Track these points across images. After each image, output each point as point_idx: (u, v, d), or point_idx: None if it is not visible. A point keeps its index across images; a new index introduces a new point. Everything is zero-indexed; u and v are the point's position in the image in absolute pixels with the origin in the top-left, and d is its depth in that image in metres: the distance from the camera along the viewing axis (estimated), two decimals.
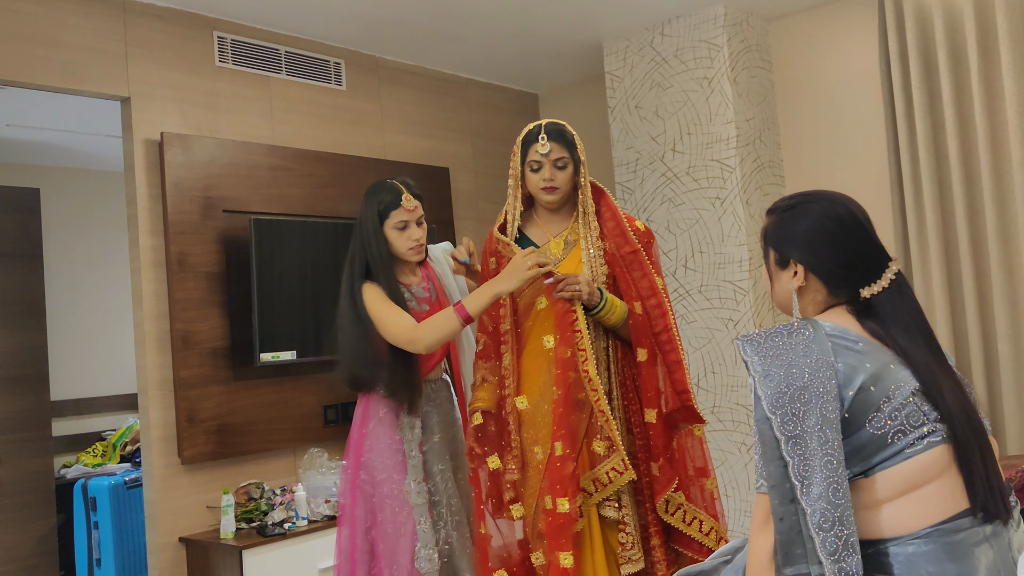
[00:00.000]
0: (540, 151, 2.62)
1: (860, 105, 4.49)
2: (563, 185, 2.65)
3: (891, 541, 1.54)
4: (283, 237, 4.04)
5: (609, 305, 2.58)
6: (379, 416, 2.84)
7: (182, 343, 3.77)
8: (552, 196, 2.66)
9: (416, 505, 2.77)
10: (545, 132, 2.63)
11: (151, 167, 3.81)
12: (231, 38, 4.14)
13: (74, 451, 5.72)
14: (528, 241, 2.75)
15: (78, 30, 3.66)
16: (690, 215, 4.57)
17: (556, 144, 2.62)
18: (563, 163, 2.64)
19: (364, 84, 4.70)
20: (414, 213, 2.81)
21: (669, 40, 4.65)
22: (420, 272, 2.95)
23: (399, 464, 2.79)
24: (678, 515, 2.59)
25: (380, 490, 2.79)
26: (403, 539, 2.75)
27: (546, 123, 2.67)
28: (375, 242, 2.79)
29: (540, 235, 2.75)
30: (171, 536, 3.72)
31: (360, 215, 2.84)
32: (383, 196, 2.80)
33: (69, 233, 5.92)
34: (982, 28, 3.95)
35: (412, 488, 2.78)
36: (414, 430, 2.83)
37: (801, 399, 1.52)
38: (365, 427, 2.85)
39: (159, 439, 3.73)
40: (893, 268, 1.69)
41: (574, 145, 2.65)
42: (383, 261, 2.79)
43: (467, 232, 5.11)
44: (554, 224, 2.75)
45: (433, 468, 2.86)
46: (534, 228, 2.77)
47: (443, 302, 2.92)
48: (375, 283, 2.77)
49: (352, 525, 2.79)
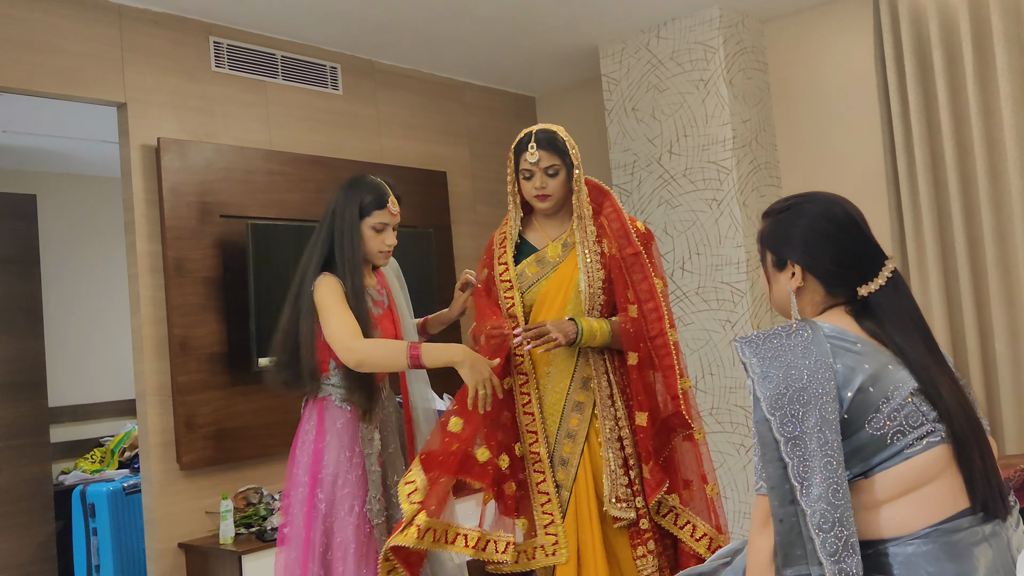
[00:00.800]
0: (530, 160, 2.63)
1: (856, 106, 4.50)
2: (555, 192, 2.66)
3: (891, 541, 1.55)
4: (280, 242, 4.04)
5: (588, 335, 2.57)
6: (336, 428, 2.62)
7: (180, 348, 3.76)
8: (545, 204, 2.67)
9: (377, 524, 2.61)
10: (535, 140, 2.63)
11: (148, 172, 3.81)
12: (227, 43, 4.14)
13: (72, 457, 5.71)
14: (528, 245, 2.77)
15: (74, 36, 3.65)
16: (687, 217, 4.58)
17: (545, 152, 2.63)
18: (554, 170, 2.64)
19: (360, 88, 4.70)
20: (395, 218, 2.73)
21: (665, 42, 4.66)
22: (375, 276, 2.83)
23: (360, 479, 2.60)
24: (669, 517, 2.60)
25: (339, 509, 2.57)
26: (369, 561, 2.56)
27: (536, 131, 2.66)
28: (350, 237, 2.62)
29: (539, 239, 2.76)
30: (170, 542, 3.72)
31: (336, 205, 2.67)
32: (367, 194, 2.67)
33: (66, 239, 5.92)
34: (977, 29, 3.96)
35: (374, 506, 2.61)
36: (373, 442, 2.66)
37: (800, 400, 1.52)
38: (321, 440, 2.62)
39: (158, 445, 3.73)
40: (889, 266, 1.69)
41: (565, 151, 2.65)
42: (354, 258, 2.62)
43: (464, 235, 5.11)
44: (552, 228, 2.76)
45: (389, 480, 2.69)
46: (533, 232, 2.79)
47: (394, 311, 2.81)
48: (335, 277, 2.59)
49: (306, 549, 2.55)
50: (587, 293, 2.62)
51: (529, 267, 2.72)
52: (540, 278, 2.69)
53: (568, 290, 2.65)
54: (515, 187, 2.74)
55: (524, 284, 2.71)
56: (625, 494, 2.56)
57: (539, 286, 2.68)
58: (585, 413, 2.63)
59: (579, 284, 2.64)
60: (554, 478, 2.64)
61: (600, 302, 2.64)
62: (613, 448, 2.59)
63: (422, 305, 4.61)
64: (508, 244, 2.76)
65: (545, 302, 2.67)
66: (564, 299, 2.65)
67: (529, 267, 2.72)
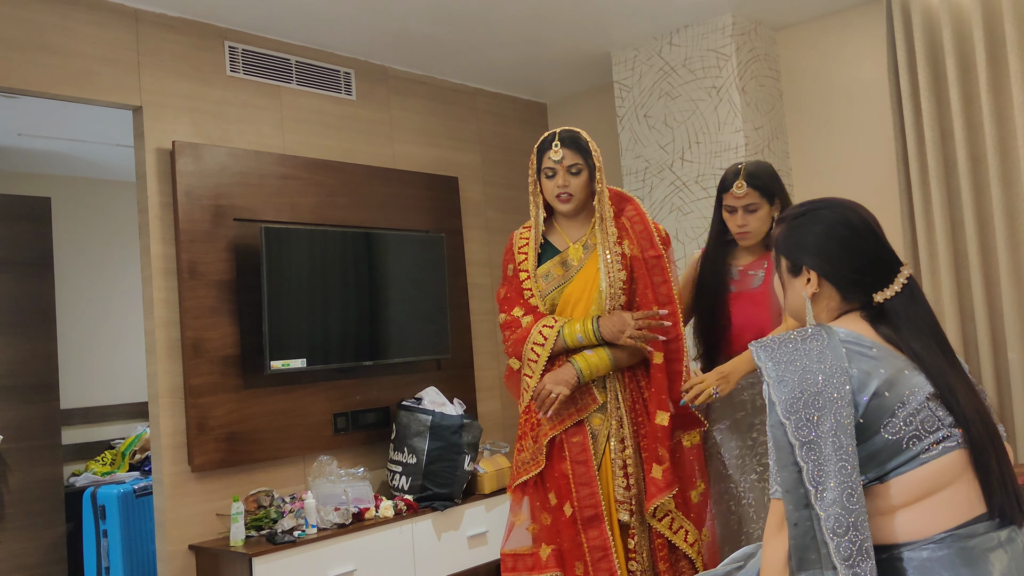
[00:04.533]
0: (553, 158, 2.66)
1: (868, 113, 4.50)
2: (578, 192, 2.68)
3: (905, 546, 1.54)
4: (293, 245, 4.06)
5: (589, 372, 2.63)
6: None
7: (193, 351, 3.78)
8: (567, 205, 2.69)
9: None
10: (559, 139, 2.68)
11: (163, 176, 3.83)
12: (242, 48, 4.17)
13: (83, 459, 5.73)
14: (551, 247, 2.79)
15: (91, 40, 3.68)
16: (699, 224, 4.58)
17: (569, 151, 2.66)
18: (577, 169, 2.67)
19: (373, 94, 4.72)
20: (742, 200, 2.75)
21: (677, 49, 4.67)
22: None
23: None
24: (665, 521, 2.62)
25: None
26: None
27: (560, 130, 2.71)
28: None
29: (561, 241, 2.78)
30: (181, 544, 3.73)
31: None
32: (726, 175, 2.77)
33: (79, 242, 5.95)
34: (990, 36, 3.96)
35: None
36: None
37: (815, 404, 1.52)
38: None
39: (169, 447, 3.74)
40: (905, 273, 1.69)
41: (588, 151, 2.68)
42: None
43: (475, 240, 5.12)
44: (573, 230, 2.78)
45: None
46: (555, 234, 2.80)
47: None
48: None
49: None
50: (607, 293, 2.65)
51: (555, 268, 2.74)
52: (566, 280, 2.72)
53: (591, 291, 2.68)
54: (536, 188, 2.76)
55: (551, 285, 2.73)
56: (623, 496, 2.58)
57: (564, 288, 2.72)
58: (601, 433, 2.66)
59: (600, 284, 2.66)
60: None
61: (620, 303, 2.66)
62: (616, 450, 2.62)
63: (432, 309, 4.64)
64: (530, 247, 2.77)
65: (570, 302, 2.71)
66: (588, 300, 2.68)
67: (555, 268, 2.74)
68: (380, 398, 4.46)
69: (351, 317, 4.28)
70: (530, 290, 2.73)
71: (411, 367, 4.60)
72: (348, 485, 3.97)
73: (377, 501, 4.04)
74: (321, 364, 4.10)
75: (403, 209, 4.68)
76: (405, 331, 4.50)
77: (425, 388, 4.48)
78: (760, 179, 2.71)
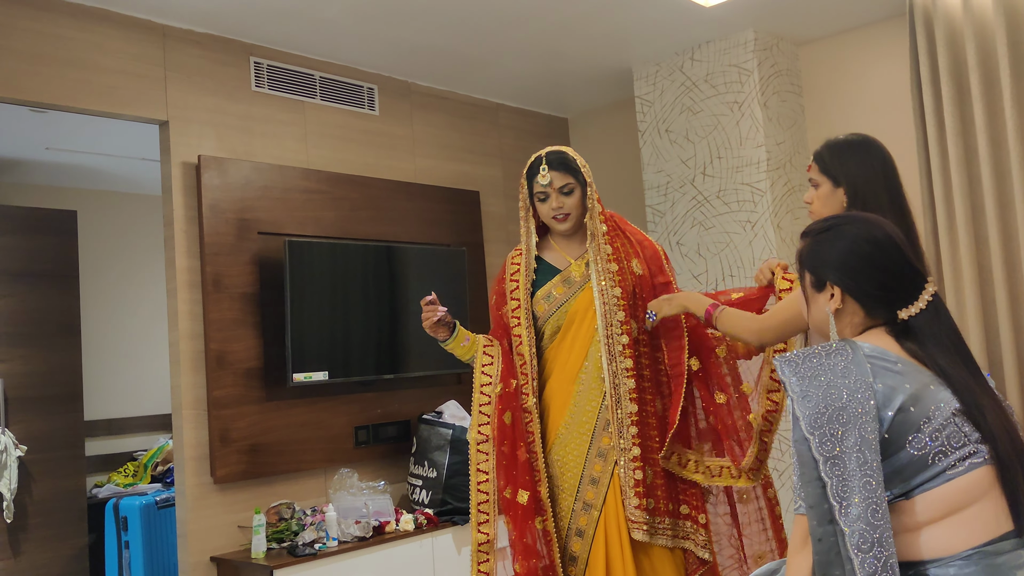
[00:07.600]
0: (542, 182, 2.69)
1: (891, 129, 4.48)
2: (573, 210, 2.71)
3: (931, 563, 1.53)
4: (316, 259, 4.09)
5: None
6: None
7: (216, 363, 3.81)
8: (565, 224, 2.73)
9: None
10: (546, 162, 2.69)
11: (188, 189, 3.87)
12: (267, 63, 4.21)
13: (106, 471, 5.77)
14: (547, 266, 2.80)
15: (118, 55, 3.73)
16: (721, 239, 4.57)
17: (557, 172, 2.69)
18: (569, 188, 2.70)
19: (396, 109, 4.76)
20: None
21: (699, 65, 4.67)
22: None
23: None
24: (674, 459, 2.66)
25: None
26: None
27: (547, 152, 2.72)
28: None
29: (559, 259, 2.80)
30: (203, 555, 3.74)
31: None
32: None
33: (105, 255, 6.02)
34: (1015, 52, 3.94)
35: None
36: None
37: (839, 419, 1.52)
38: None
39: (192, 458, 3.76)
40: (930, 289, 1.68)
41: (577, 170, 2.71)
42: None
43: (496, 253, 5.14)
44: (572, 247, 2.80)
45: None
46: (551, 253, 2.82)
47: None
48: None
49: None
50: (602, 311, 2.65)
51: (556, 288, 2.75)
52: (569, 298, 2.73)
53: (595, 306, 2.69)
54: (528, 213, 2.78)
55: (552, 306, 2.74)
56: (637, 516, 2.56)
57: (568, 305, 2.72)
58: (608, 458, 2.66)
59: (595, 302, 2.68)
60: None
61: (620, 318, 2.65)
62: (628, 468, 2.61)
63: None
64: (521, 273, 2.78)
65: (575, 320, 2.71)
66: (594, 315, 2.68)
67: (556, 288, 2.75)
68: (401, 411, 4.47)
69: (373, 330, 4.30)
70: (518, 319, 2.75)
71: (432, 381, 4.61)
72: (369, 498, 3.98)
73: (398, 515, 4.05)
74: (343, 377, 4.12)
75: (425, 223, 4.70)
76: (426, 345, 4.48)
77: (446, 402, 4.49)
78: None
